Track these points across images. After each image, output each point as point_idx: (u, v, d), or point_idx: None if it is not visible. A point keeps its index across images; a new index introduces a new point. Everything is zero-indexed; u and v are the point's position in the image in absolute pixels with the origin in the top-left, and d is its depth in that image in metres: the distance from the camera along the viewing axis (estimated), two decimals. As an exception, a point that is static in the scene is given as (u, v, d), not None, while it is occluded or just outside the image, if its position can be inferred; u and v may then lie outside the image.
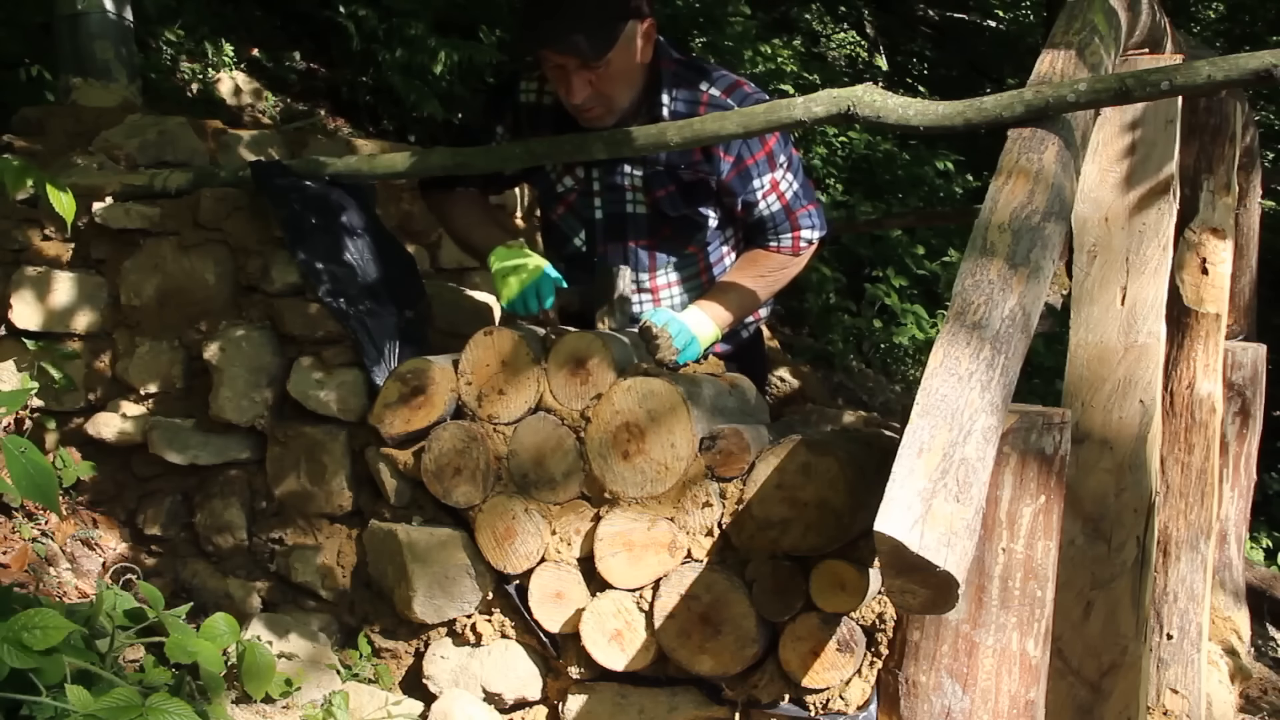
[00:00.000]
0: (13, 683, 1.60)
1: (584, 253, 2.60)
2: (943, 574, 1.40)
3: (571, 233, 2.61)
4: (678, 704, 2.12)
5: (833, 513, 1.92)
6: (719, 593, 2.02)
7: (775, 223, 2.54)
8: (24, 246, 2.73)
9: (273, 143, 3.15)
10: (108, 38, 3.27)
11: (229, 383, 2.49)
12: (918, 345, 7.24)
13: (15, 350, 2.69)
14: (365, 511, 2.42)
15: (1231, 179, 3.30)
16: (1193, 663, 3.25)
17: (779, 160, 2.49)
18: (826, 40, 10.62)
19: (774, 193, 2.52)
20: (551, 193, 2.60)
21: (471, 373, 2.25)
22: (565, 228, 2.62)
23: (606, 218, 2.57)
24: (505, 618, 2.28)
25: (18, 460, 1.73)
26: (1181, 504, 3.24)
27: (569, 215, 2.60)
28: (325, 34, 6.03)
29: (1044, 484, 1.81)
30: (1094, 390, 2.51)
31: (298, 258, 2.47)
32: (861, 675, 2.00)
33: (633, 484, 2.09)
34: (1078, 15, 2.24)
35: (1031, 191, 1.80)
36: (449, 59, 5.58)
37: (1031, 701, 1.86)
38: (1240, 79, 1.87)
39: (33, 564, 2.41)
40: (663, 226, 2.55)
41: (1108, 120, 2.52)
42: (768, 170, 2.49)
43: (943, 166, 8.52)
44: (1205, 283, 3.19)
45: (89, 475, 2.65)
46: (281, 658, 2.25)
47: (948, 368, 1.55)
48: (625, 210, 2.55)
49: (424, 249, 3.63)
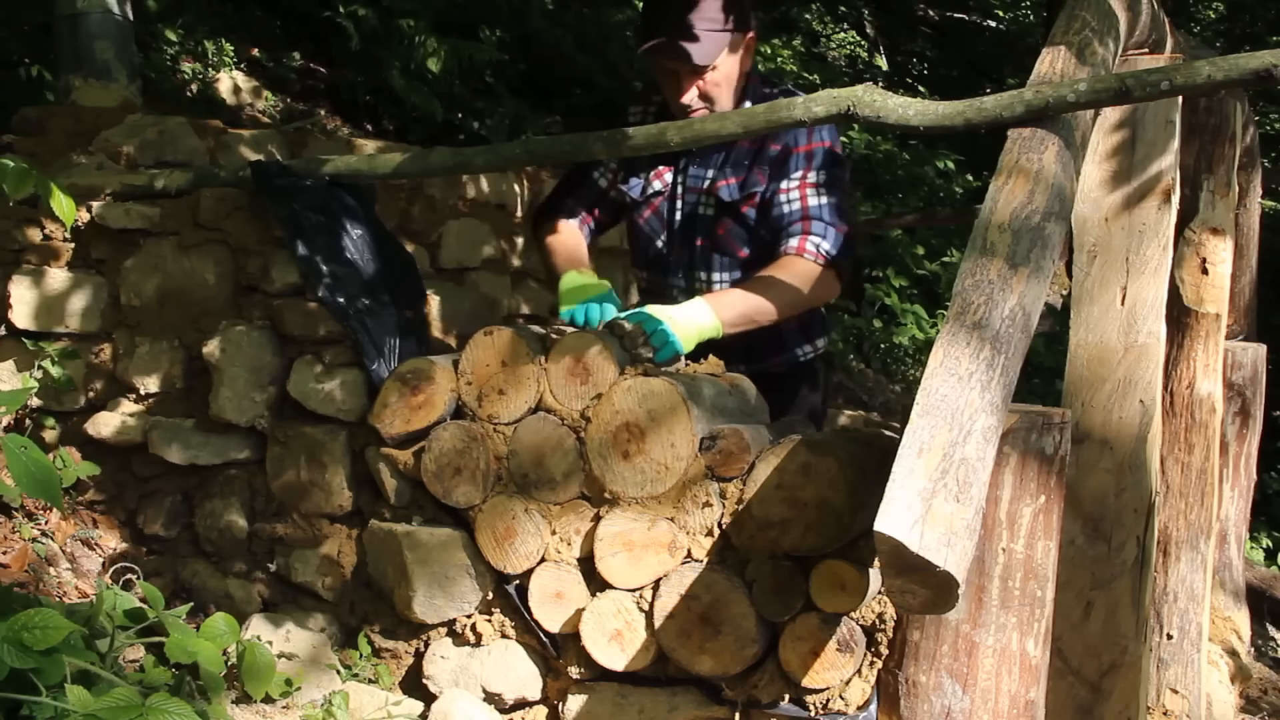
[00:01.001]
0: (13, 683, 1.60)
1: (664, 253, 2.70)
2: (943, 574, 1.40)
3: (654, 235, 2.71)
4: (678, 704, 2.12)
5: (833, 513, 1.92)
6: (719, 593, 2.02)
7: (789, 221, 2.51)
8: (24, 246, 2.73)
9: (273, 142, 3.15)
10: (108, 38, 3.26)
11: (229, 383, 2.49)
12: (918, 345, 7.25)
13: (15, 350, 2.69)
14: (365, 511, 2.42)
15: (1231, 179, 3.30)
16: (1193, 663, 3.25)
17: (817, 164, 2.52)
18: (826, 40, 10.64)
19: (799, 192, 2.52)
20: (642, 197, 2.69)
21: (471, 373, 2.25)
22: (649, 230, 2.72)
23: (684, 219, 2.66)
24: (505, 618, 2.28)
25: (18, 458, 1.73)
26: (1181, 504, 3.24)
27: (653, 218, 2.70)
28: (325, 34, 6.04)
29: (1044, 484, 1.81)
30: (1094, 390, 2.51)
31: (298, 257, 2.47)
32: (861, 675, 2.00)
33: (633, 484, 2.09)
34: (1078, 15, 2.24)
35: (1031, 191, 1.80)
36: (449, 60, 5.58)
37: (1031, 701, 1.86)
38: (1240, 79, 1.87)
39: (33, 564, 2.41)
40: (718, 226, 2.62)
41: (1108, 120, 2.52)
42: (804, 166, 2.52)
43: (943, 166, 8.53)
44: (1205, 283, 3.19)
45: (89, 475, 2.65)
46: (281, 658, 2.25)
47: (948, 368, 1.55)
48: (698, 212, 2.64)
49: (424, 249, 3.62)
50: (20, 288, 2.68)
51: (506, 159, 2.53)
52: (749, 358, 2.62)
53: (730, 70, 2.54)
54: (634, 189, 2.70)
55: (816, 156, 2.53)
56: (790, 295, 2.45)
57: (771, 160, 2.55)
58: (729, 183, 2.59)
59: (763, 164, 2.56)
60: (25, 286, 2.68)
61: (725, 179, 2.59)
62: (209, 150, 3.00)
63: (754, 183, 2.56)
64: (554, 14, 7.24)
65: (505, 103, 6.40)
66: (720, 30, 2.49)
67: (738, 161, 2.59)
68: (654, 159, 2.64)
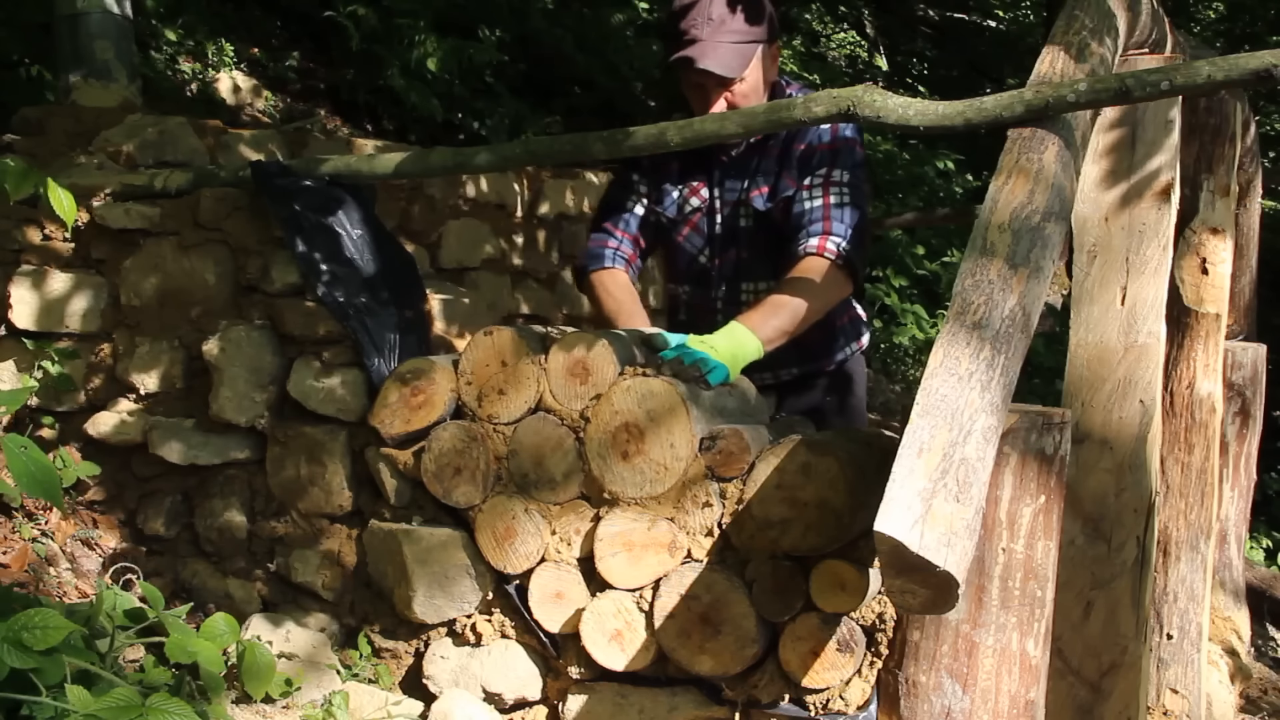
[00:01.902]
0: (13, 683, 1.60)
1: (706, 268, 2.69)
2: (943, 574, 1.40)
3: (695, 250, 2.69)
4: (678, 704, 2.12)
5: (833, 513, 1.92)
6: (719, 593, 2.02)
7: (810, 220, 2.48)
8: (24, 246, 2.73)
9: (273, 142, 3.15)
10: (108, 38, 3.27)
11: (229, 383, 2.49)
12: (918, 345, 7.25)
13: (15, 350, 2.69)
14: (365, 511, 2.42)
15: (1231, 179, 3.30)
16: (1193, 663, 3.25)
17: (840, 162, 2.51)
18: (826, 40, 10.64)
19: (822, 190, 2.50)
20: (679, 216, 2.68)
21: (471, 373, 2.25)
22: (689, 246, 2.70)
23: (724, 231, 2.65)
24: (505, 618, 2.28)
25: (18, 458, 1.73)
26: (1181, 504, 3.24)
27: (693, 234, 2.69)
28: (325, 34, 6.04)
29: (1044, 484, 1.81)
30: (1094, 390, 2.51)
31: (298, 257, 2.47)
32: (861, 675, 2.00)
33: (632, 484, 2.09)
34: (1077, 15, 2.24)
35: (1031, 191, 1.80)
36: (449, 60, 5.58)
37: (1031, 701, 1.86)
38: (1240, 79, 1.87)
39: (33, 564, 2.41)
40: (758, 235, 2.61)
41: (1107, 120, 2.52)
42: (828, 164, 2.51)
43: (943, 166, 8.53)
44: (1205, 283, 3.20)
45: (89, 475, 2.65)
46: (281, 658, 2.25)
47: (948, 368, 1.55)
48: (738, 224, 2.63)
49: (424, 249, 3.62)
50: (20, 288, 2.68)
51: (506, 159, 2.53)
52: (802, 359, 2.64)
53: (756, 81, 2.53)
54: (669, 209, 2.67)
55: (840, 154, 2.52)
56: (817, 298, 2.43)
57: (798, 160, 2.54)
58: (761, 192, 2.58)
59: (789, 167, 2.55)
60: (25, 286, 2.68)
61: (758, 188, 2.59)
62: (209, 150, 3.00)
63: (784, 188, 2.56)
64: (554, 14, 7.25)
65: (505, 103, 6.40)
66: (747, 42, 2.49)
67: (767, 170, 2.58)
68: (686, 176, 2.64)
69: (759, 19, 2.51)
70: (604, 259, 2.66)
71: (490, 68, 6.22)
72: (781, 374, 2.65)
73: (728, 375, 2.22)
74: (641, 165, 2.67)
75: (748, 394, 2.33)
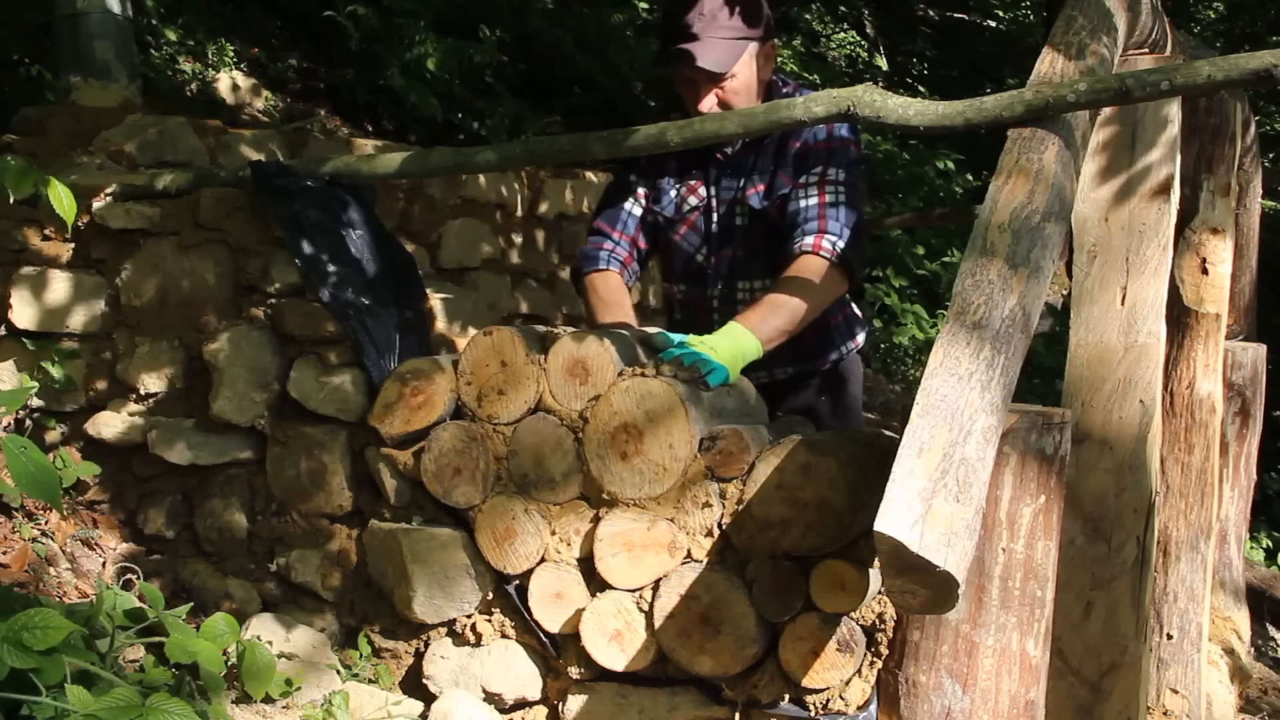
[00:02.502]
0: (13, 683, 1.60)
1: (703, 266, 2.69)
2: (943, 574, 1.40)
3: (692, 249, 2.69)
4: (678, 704, 2.12)
5: (833, 513, 1.92)
6: (719, 593, 2.02)
7: (805, 218, 2.48)
8: (24, 246, 2.73)
9: (273, 142, 3.15)
10: (108, 38, 3.26)
11: (229, 383, 2.49)
12: (918, 345, 7.25)
13: (15, 350, 2.69)
14: (365, 511, 2.42)
15: (1231, 179, 3.30)
16: (1193, 663, 3.25)
17: (836, 161, 2.51)
18: (826, 40, 10.64)
19: (817, 188, 2.50)
20: (676, 215, 2.68)
21: (471, 373, 2.25)
22: (685, 244, 2.70)
23: (721, 230, 2.64)
24: (505, 618, 2.28)
25: (18, 458, 1.73)
26: (1181, 504, 3.24)
27: (690, 232, 2.68)
28: (325, 34, 6.04)
29: (1044, 484, 1.81)
30: (1094, 390, 2.51)
31: (298, 257, 2.47)
32: (861, 675, 2.00)
33: (630, 485, 2.09)
34: (1077, 16, 2.24)
35: (1031, 191, 1.80)
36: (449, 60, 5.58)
37: (1031, 701, 1.86)
38: (1240, 79, 1.88)
39: (33, 564, 2.41)
40: (754, 233, 2.61)
41: (1108, 120, 2.52)
42: (823, 162, 2.51)
43: (943, 166, 8.53)
44: (1205, 283, 3.19)
45: (89, 475, 2.65)
46: (281, 658, 2.25)
47: (948, 368, 1.55)
48: (734, 222, 2.63)
49: (424, 249, 3.62)
50: (21, 288, 2.68)
51: (506, 159, 2.53)
52: (797, 358, 2.64)
53: (749, 79, 2.53)
54: (666, 208, 2.67)
55: (836, 153, 2.52)
56: (814, 297, 2.42)
57: (794, 159, 2.54)
58: (757, 190, 2.58)
59: (785, 165, 2.55)
60: (25, 287, 2.68)
61: (753, 186, 2.59)
62: (209, 150, 3.00)
63: (779, 186, 2.56)
64: (554, 14, 7.25)
65: (505, 103, 6.41)
66: (738, 38, 2.49)
67: (763, 168, 2.59)
68: (684, 175, 2.64)
69: (753, 17, 2.51)
70: (598, 261, 2.66)
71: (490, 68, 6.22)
72: (777, 372, 2.65)
73: (728, 376, 2.22)
74: (639, 165, 2.67)
75: (747, 394, 2.33)
